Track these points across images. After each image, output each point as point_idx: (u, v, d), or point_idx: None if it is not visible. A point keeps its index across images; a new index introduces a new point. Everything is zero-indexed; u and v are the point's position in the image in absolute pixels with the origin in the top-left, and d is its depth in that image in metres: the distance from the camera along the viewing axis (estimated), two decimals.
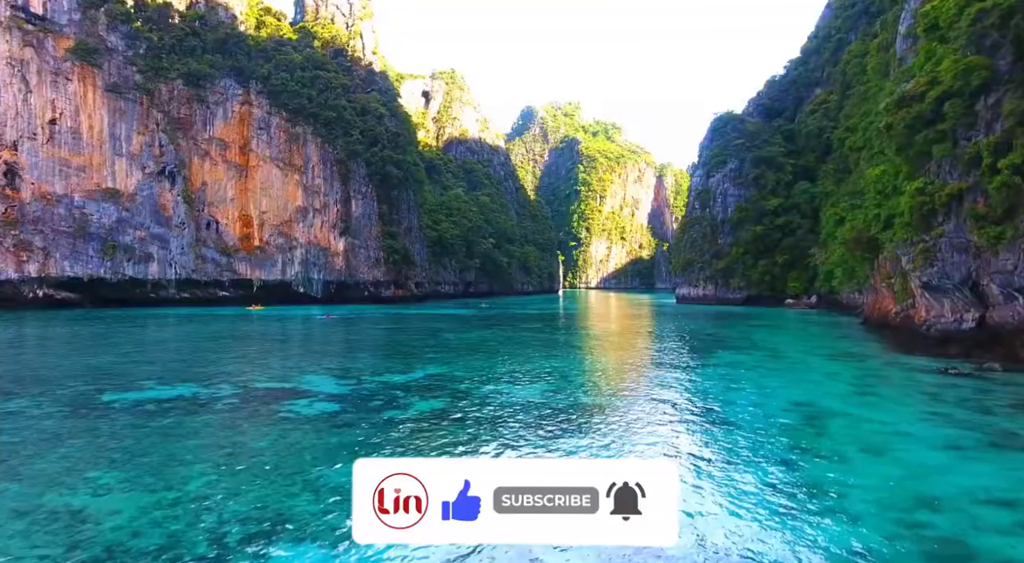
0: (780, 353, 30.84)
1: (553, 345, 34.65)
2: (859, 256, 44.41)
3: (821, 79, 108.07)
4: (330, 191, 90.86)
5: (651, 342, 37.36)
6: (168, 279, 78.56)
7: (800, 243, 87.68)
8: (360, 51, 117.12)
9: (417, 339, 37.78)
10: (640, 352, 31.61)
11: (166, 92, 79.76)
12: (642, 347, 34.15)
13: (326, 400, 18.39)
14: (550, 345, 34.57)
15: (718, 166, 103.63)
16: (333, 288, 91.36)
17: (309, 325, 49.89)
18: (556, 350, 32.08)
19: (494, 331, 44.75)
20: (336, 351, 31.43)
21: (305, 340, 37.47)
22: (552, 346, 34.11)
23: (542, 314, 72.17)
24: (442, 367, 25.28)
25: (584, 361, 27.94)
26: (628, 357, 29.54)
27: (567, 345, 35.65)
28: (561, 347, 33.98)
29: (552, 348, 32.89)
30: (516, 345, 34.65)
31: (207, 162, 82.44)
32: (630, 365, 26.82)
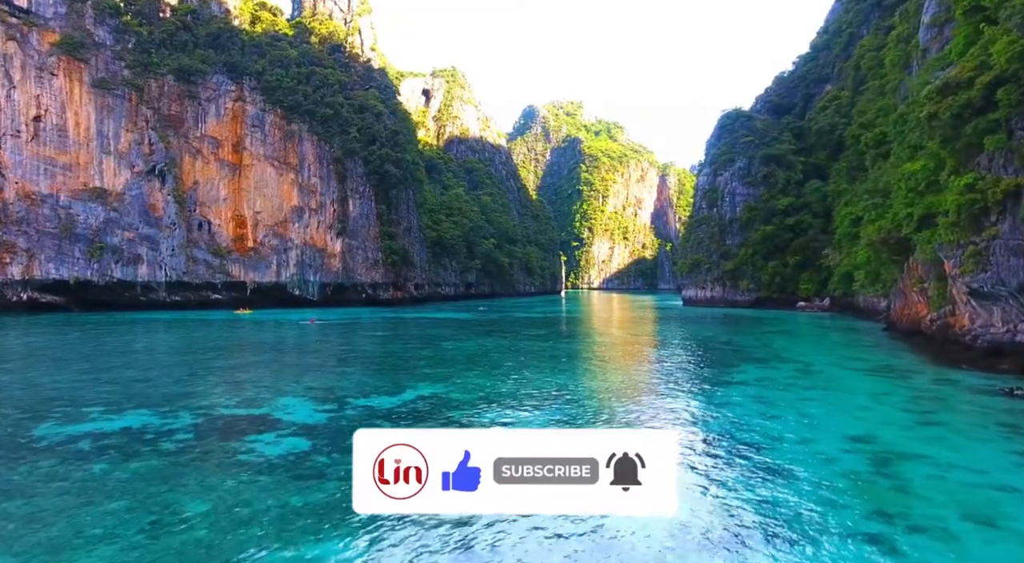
0: (811, 367, 27.98)
1: (557, 357, 31.81)
2: (886, 258, 41.51)
3: (831, 75, 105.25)
4: (326, 190, 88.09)
5: (664, 353, 34.51)
6: (158, 281, 75.81)
7: (812, 243, 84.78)
8: (358, 47, 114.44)
9: (411, 349, 34.97)
10: (654, 366, 28.76)
11: (156, 88, 77.01)
12: (655, 359, 31.29)
13: (297, 434, 15.58)
14: (554, 357, 31.73)
15: (726, 164, 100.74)
16: (330, 290, 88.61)
17: (295, 332, 47.05)
18: (561, 363, 29.25)
19: (494, 339, 41.93)
20: (320, 365, 28.60)
21: (288, 351, 34.65)
22: (556, 358, 31.28)
23: (544, 318, 69.35)
24: (436, 386, 22.46)
25: (593, 379, 25.10)
26: (641, 373, 26.69)
27: (572, 357, 32.80)
28: (566, 359, 31.13)
29: (556, 361, 30.04)
30: (517, 357, 31.82)
31: (199, 160, 79.67)
32: (645, 385, 23.97)
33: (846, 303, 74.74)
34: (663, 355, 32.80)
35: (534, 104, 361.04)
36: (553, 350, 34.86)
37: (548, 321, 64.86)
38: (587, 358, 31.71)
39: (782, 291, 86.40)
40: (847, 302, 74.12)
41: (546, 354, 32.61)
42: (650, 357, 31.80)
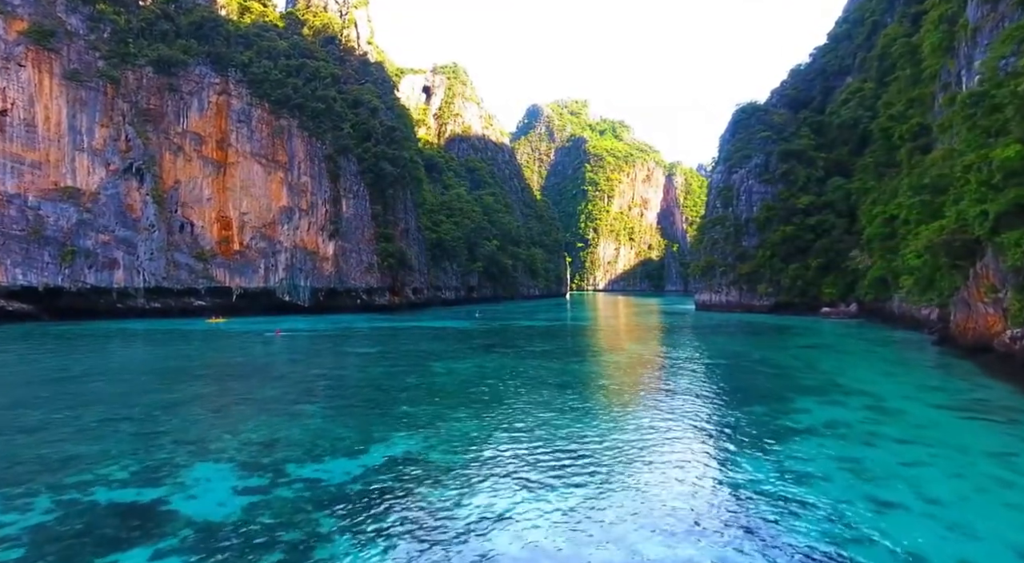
0: (884, 402, 22.51)
1: (567, 387, 26.41)
2: (946, 263, 36.01)
3: (852, 66, 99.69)
4: (318, 190, 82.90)
5: (694, 380, 29.09)
6: (135, 287, 70.71)
7: (835, 245, 79.20)
8: (354, 41, 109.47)
9: (395, 373, 29.64)
10: (687, 404, 23.34)
11: (134, 80, 71.95)
12: (686, 392, 25.88)
13: (187, 548, 10.28)
14: (563, 387, 26.34)
15: (741, 161, 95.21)
16: (322, 296, 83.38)
17: (260, 348, 41.68)
18: (571, 398, 23.85)
19: (494, 357, 36.56)
20: (274, 400, 23.23)
21: (244, 376, 29.29)
22: (565, 389, 25.88)
23: (549, 328, 63.92)
24: (414, 439, 17.14)
25: (615, 427, 19.66)
26: (674, 417, 21.25)
27: (584, 385, 27.36)
28: (577, 392, 25.70)
29: (566, 395, 24.62)
30: (520, 385, 26.45)
31: (180, 158, 74.58)
32: (685, 439, 18.49)
33: (875, 309, 69.28)
34: (693, 385, 27.37)
35: (538, 103, 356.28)
36: (561, 375, 29.45)
37: (553, 332, 59.48)
38: (603, 388, 26.28)
39: (804, 296, 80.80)
40: (876, 308, 68.67)
41: (553, 382, 27.22)
42: (679, 387, 26.37)
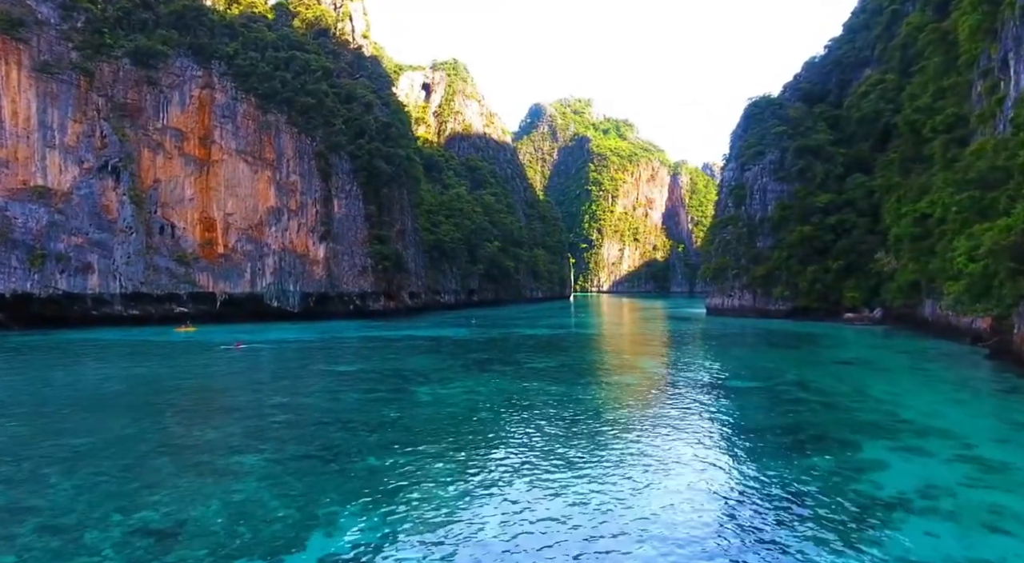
0: (973, 448, 17.75)
1: (574, 423, 21.68)
2: (1008, 269, 31.27)
3: (871, 58, 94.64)
4: (308, 189, 78.46)
5: (725, 413, 24.35)
6: (112, 293, 66.34)
7: (857, 246, 74.30)
8: (349, 34, 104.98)
9: (369, 403, 25.05)
10: (725, 450, 18.69)
11: (109, 73, 67.61)
12: (721, 432, 21.18)
13: None
14: (570, 423, 21.62)
15: (755, 157, 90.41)
16: (312, 301, 78.95)
17: (223, 366, 36.95)
18: (581, 443, 19.15)
19: (489, 378, 31.91)
20: (202, 448, 18.46)
21: (178, 409, 24.19)
22: (573, 426, 21.16)
23: (552, 338, 59.22)
24: (372, 522, 12.49)
25: (632, 494, 15.00)
26: (714, 479, 16.59)
27: (594, 425, 22.48)
28: (586, 433, 20.95)
29: (573, 440, 19.91)
30: (517, 422, 21.78)
31: (160, 155, 70.21)
32: (735, 517, 13.86)
33: (902, 315, 64.43)
34: (730, 423, 22.64)
35: (541, 102, 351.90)
36: (565, 406, 24.76)
37: (556, 342, 54.83)
38: (615, 430, 21.40)
39: (824, 300, 75.89)
40: (904, 314, 63.83)
41: (556, 417, 22.53)
42: (713, 429, 21.59)
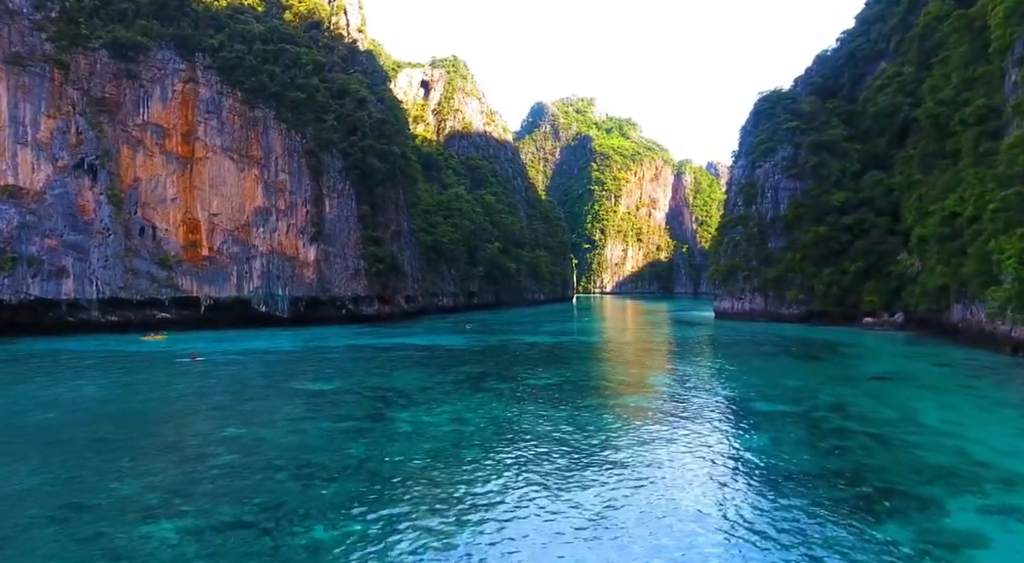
0: None
1: (579, 464, 17.89)
2: None
3: (887, 50, 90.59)
4: (297, 188, 74.78)
5: (759, 450, 20.56)
6: (88, 299, 62.72)
7: (876, 247, 70.34)
8: (343, 28, 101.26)
9: (335, 437, 21.28)
10: (760, 490, 15.00)
11: (86, 66, 64.02)
12: (753, 467, 17.45)
13: None
14: (573, 466, 17.82)
15: (766, 154, 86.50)
16: (302, 306, 75.21)
17: (180, 382, 33.06)
18: (585, 483, 15.39)
19: (482, 400, 28.10)
20: (122, 498, 14.74)
21: (100, 447, 19.98)
22: (577, 468, 17.38)
23: (554, 347, 55.35)
24: None
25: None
26: (757, 538, 12.83)
27: (604, 463, 18.67)
28: (594, 469, 17.11)
29: (577, 480, 16.09)
30: (511, 464, 17.98)
31: (140, 153, 66.58)
32: None
33: (927, 320, 60.53)
34: (763, 469, 18.73)
35: (543, 101, 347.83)
36: (568, 440, 20.92)
37: (558, 352, 51.00)
38: (628, 472, 17.64)
39: (840, 304, 71.90)
40: (929, 319, 59.93)
41: (557, 457, 18.72)
42: (746, 477, 17.76)
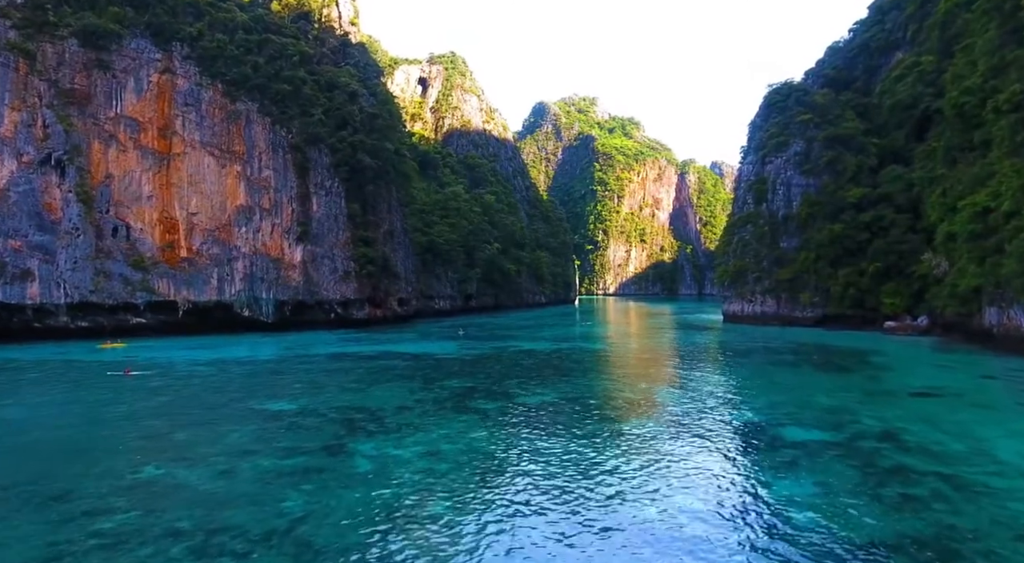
0: None
1: (576, 524, 13.78)
2: None
3: (903, 40, 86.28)
4: (283, 186, 70.73)
5: (796, 491, 16.35)
6: (55, 303, 58.74)
7: (896, 246, 65.93)
8: (335, 21, 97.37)
9: (279, 474, 17.11)
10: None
11: (54, 55, 60.11)
12: (801, 530, 13.25)
13: None
14: (569, 527, 13.74)
15: (777, 149, 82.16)
16: (288, 309, 71.11)
17: (109, 404, 28.85)
18: (593, 551, 11.22)
19: (465, 421, 23.90)
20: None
21: (19, 479, 16.79)
22: (572, 531, 13.26)
23: (553, 355, 51.13)
24: None
25: None
26: None
27: (603, 525, 14.53)
28: (593, 532, 12.95)
29: (582, 548, 11.94)
30: (489, 513, 13.84)
31: (113, 148, 62.61)
32: None
33: (954, 324, 56.14)
34: (814, 531, 14.59)
35: (544, 101, 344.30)
36: (564, 485, 16.75)
37: (558, 363, 46.76)
38: (636, 535, 13.48)
39: (859, 306, 67.53)
40: (956, 323, 55.52)
41: (549, 511, 14.56)
42: (792, 545, 13.61)
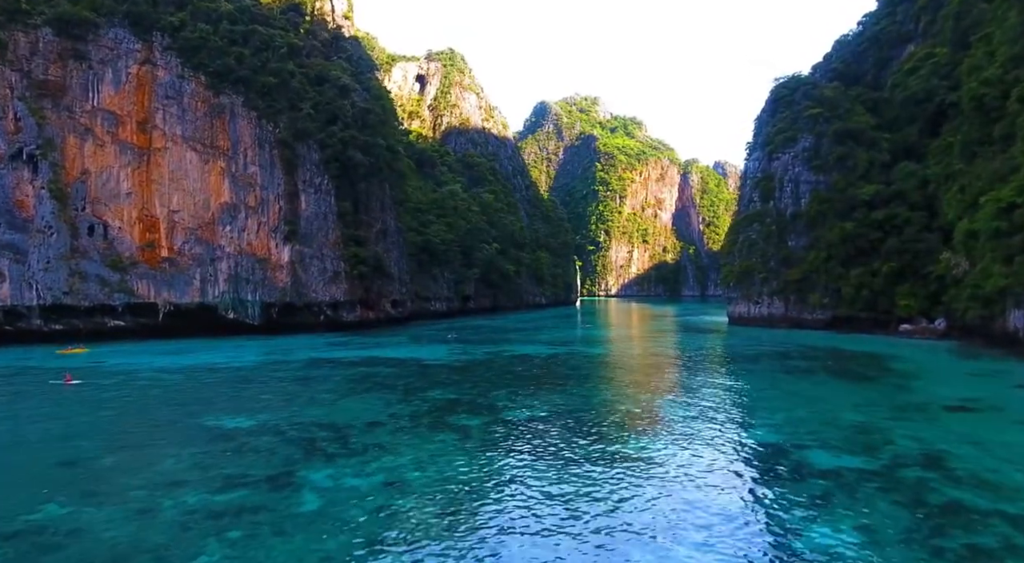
0: None
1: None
2: None
3: (915, 32, 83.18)
4: (269, 183, 67.82)
5: (835, 544, 13.37)
6: (27, 305, 55.93)
7: (911, 245, 62.78)
8: (328, 14, 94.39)
9: (208, 514, 14.13)
10: None
11: (26, 45, 57.34)
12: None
13: None
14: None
15: (785, 144, 79.03)
16: (275, 312, 68.19)
17: (36, 411, 25.97)
18: None
19: (442, 440, 20.88)
20: None
21: None
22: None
23: (549, 360, 48.05)
24: None
25: None
26: None
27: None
28: None
29: None
30: (484, 560, 10.80)
31: (89, 142, 59.81)
32: None
33: (973, 327, 52.90)
34: None
35: (546, 101, 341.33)
36: (552, 520, 13.76)
37: (554, 369, 43.69)
38: None
39: (872, 308, 64.35)
40: (976, 326, 52.30)
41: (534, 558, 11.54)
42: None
